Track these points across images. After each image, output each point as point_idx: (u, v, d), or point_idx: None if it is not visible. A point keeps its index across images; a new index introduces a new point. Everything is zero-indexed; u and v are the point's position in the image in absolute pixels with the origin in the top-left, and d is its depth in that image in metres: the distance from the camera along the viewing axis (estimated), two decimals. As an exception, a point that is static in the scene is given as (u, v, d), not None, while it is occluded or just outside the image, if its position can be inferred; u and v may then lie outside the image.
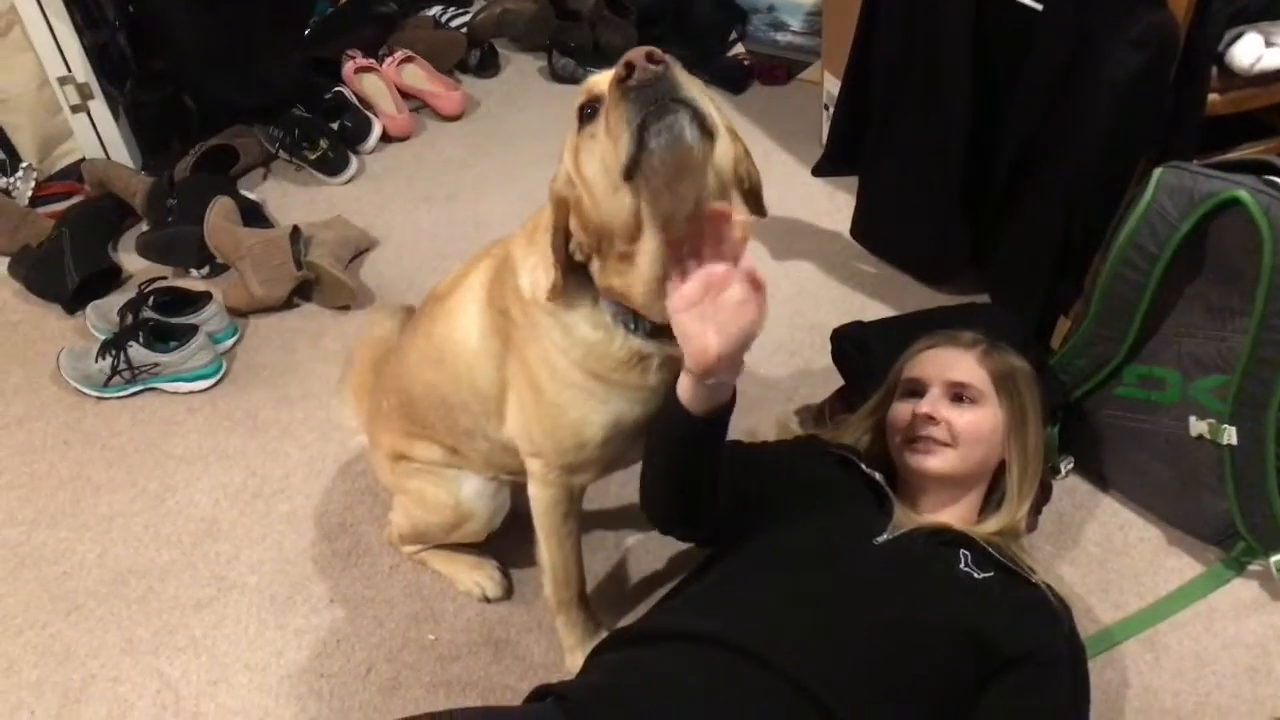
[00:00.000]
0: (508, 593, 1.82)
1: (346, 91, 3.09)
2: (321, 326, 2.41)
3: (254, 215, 2.64)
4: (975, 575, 1.40)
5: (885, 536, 1.44)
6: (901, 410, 1.60)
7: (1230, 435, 1.68)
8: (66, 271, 2.45)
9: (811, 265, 2.49)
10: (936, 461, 1.53)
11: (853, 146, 2.31)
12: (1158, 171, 1.67)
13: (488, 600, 1.81)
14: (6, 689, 1.71)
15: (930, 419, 1.54)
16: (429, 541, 1.84)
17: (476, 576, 1.82)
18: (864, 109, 2.23)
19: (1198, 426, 1.72)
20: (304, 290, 2.46)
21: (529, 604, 1.81)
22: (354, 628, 1.78)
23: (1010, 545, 1.50)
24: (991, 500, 1.58)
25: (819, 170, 2.40)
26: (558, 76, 3.33)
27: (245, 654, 1.75)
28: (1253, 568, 1.77)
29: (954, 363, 1.58)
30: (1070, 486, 1.92)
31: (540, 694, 1.32)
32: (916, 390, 1.60)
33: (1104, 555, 1.83)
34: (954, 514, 1.55)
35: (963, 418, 1.54)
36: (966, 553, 1.43)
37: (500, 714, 1.40)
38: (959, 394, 1.55)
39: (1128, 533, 1.86)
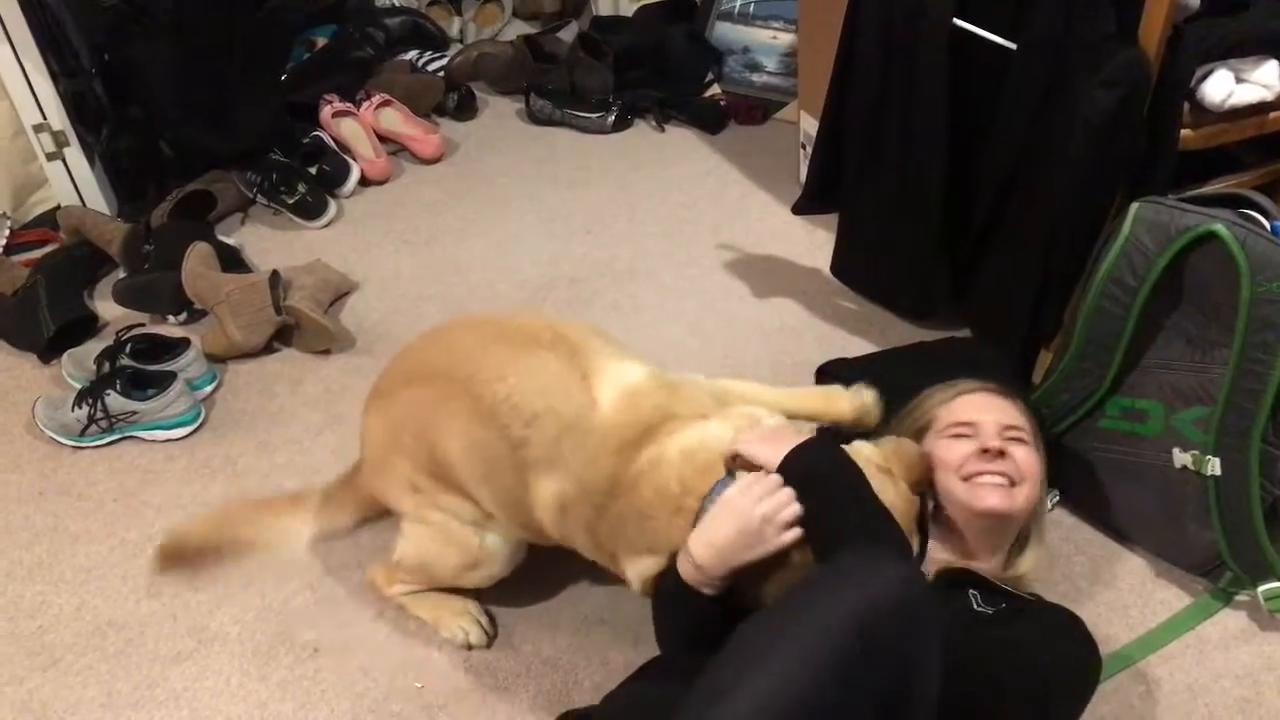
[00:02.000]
0: (492, 639, 1.80)
1: (324, 136, 3.09)
2: (301, 371, 2.39)
3: (232, 260, 2.63)
4: (986, 612, 1.44)
5: None
6: (958, 448, 1.56)
7: (1214, 466, 1.69)
8: (42, 320, 2.43)
9: (793, 303, 2.50)
10: (1002, 499, 1.52)
11: (831, 184, 2.32)
12: (1134, 206, 1.69)
13: (470, 648, 1.78)
14: (-20, 748, 1.67)
15: (1001, 454, 1.53)
16: (434, 581, 1.77)
17: (462, 623, 1.79)
18: (841, 147, 2.25)
19: (1181, 458, 1.73)
20: (283, 335, 2.44)
21: (516, 649, 1.78)
22: (338, 677, 1.75)
23: (1022, 580, 1.57)
24: (1016, 545, 1.62)
25: (799, 209, 2.42)
26: (535, 119, 3.35)
27: (227, 707, 1.71)
28: (1240, 598, 1.78)
29: (1000, 407, 1.61)
30: (1055, 519, 1.92)
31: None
32: (969, 433, 1.58)
33: (1092, 588, 1.83)
34: (990, 560, 1.58)
35: (1025, 455, 1.56)
36: (975, 592, 1.48)
37: None
38: (1013, 435, 1.57)
39: (1115, 565, 1.86)
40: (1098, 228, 1.83)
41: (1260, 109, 1.85)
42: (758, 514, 1.36)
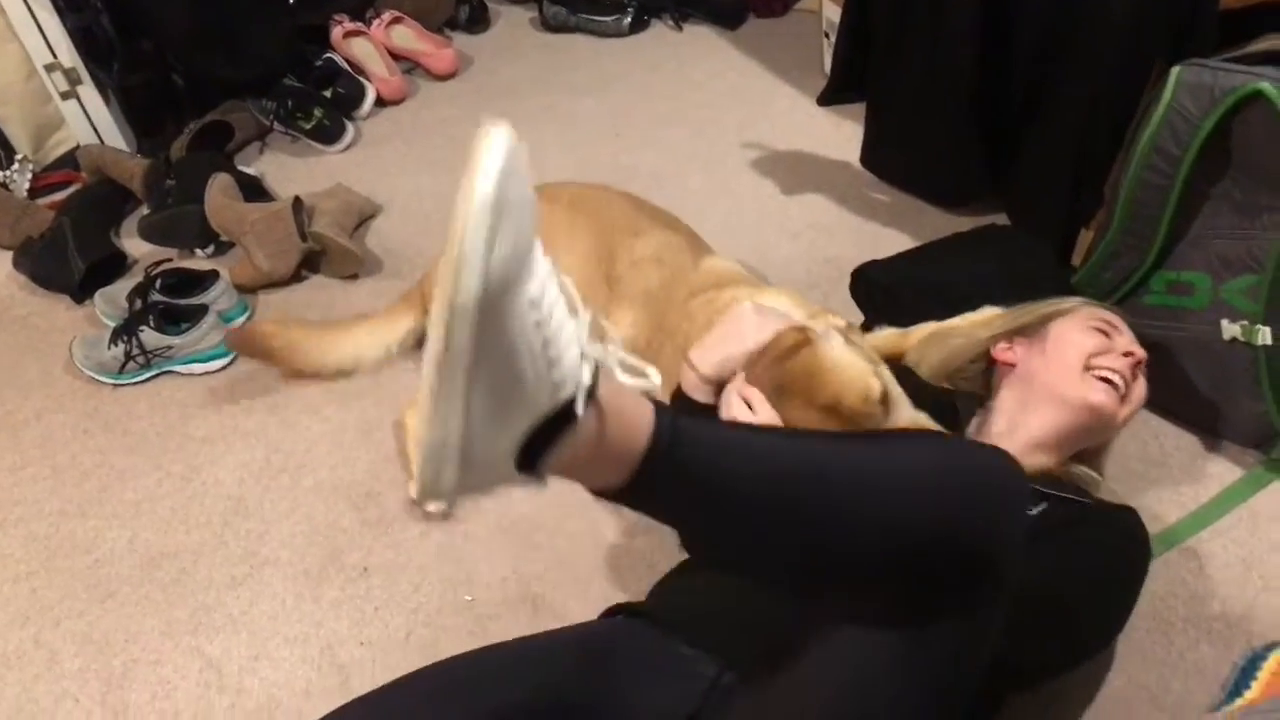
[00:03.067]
0: None
1: (336, 58, 3.04)
2: (331, 297, 2.39)
3: (254, 190, 2.60)
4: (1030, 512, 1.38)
5: None
6: (1095, 338, 1.52)
7: (1264, 335, 1.64)
8: (71, 261, 2.43)
9: (823, 198, 2.44)
10: (1110, 401, 1.48)
11: (858, 71, 2.25)
12: (1176, 70, 1.61)
13: None
14: (50, 679, 1.72)
15: (1139, 362, 1.51)
16: None
17: None
18: (867, 31, 2.17)
19: (1230, 329, 1.69)
20: (311, 262, 2.43)
21: (564, 561, 1.80)
22: (389, 595, 1.78)
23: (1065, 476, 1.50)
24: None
25: (824, 99, 2.35)
26: (549, 26, 3.27)
27: (283, 628, 1.75)
28: (1293, 468, 1.75)
29: (1132, 338, 1.55)
30: (1103, 400, 1.88)
31: (613, 612, 1.36)
32: (1109, 331, 1.54)
33: (1142, 468, 1.80)
34: (1036, 461, 1.51)
35: (1142, 386, 1.53)
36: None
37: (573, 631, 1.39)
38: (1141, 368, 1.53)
39: (1163, 442, 1.83)
40: (1137, 96, 1.76)
41: (1307, -42, 1.74)
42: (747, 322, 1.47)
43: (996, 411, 1.57)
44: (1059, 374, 1.50)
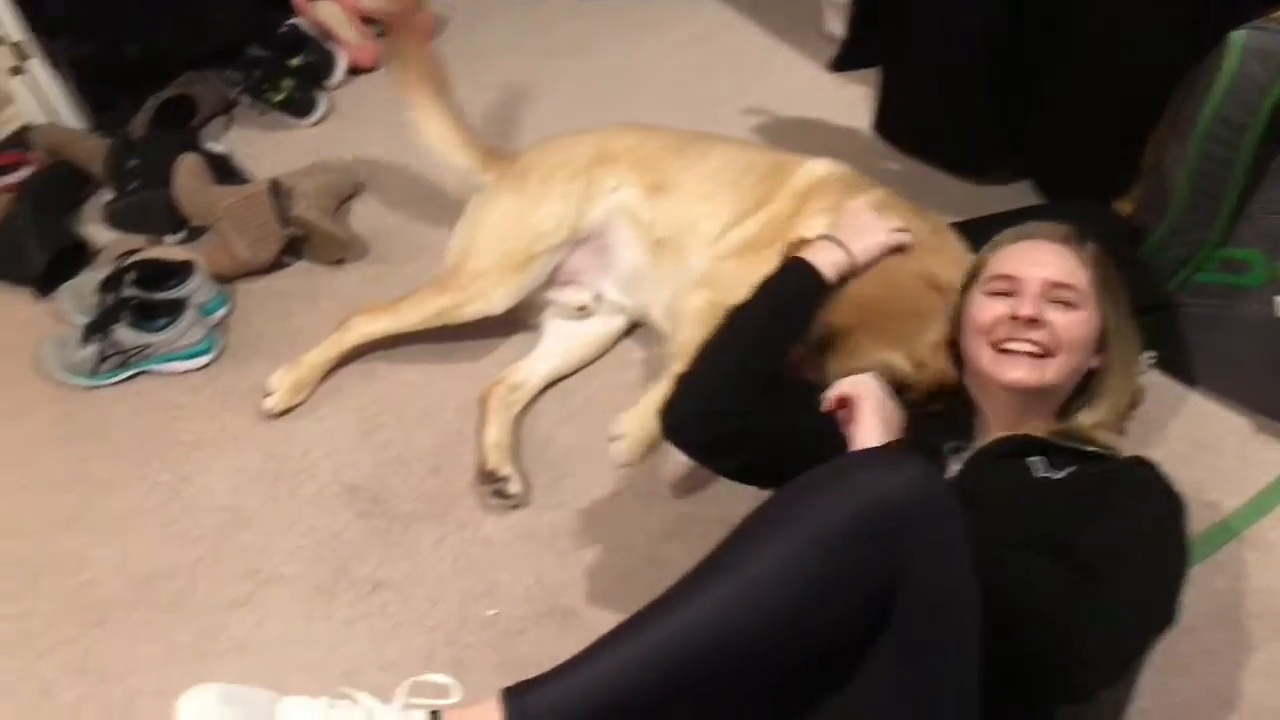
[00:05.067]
0: None
1: (302, 23, 2.85)
2: (317, 285, 2.24)
3: (224, 169, 2.44)
4: (1053, 477, 1.32)
5: (956, 468, 1.37)
6: (991, 308, 1.40)
7: (1326, 314, 1.57)
8: (30, 251, 2.26)
9: (835, 165, 2.32)
10: (1029, 373, 1.37)
11: (871, 32, 2.12)
12: (1237, 35, 1.52)
13: None
14: (47, 713, 1.59)
15: (1034, 322, 1.36)
16: None
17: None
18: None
19: (1286, 307, 1.62)
20: (293, 247, 2.28)
21: (590, 571, 1.70)
22: (407, 611, 1.67)
23: (1095, 433, 1.40)
24: (1076, 401, 1.45)
25: (838, 65, 2.22)
26: (526, -16, 3.10)
27: (296, 652, 1.63)
28: (1349, 449, 1.69)
29: (1052, 260, 1.40)
30: (1150, 382, 1.80)
31: None
32: (1009, 290, 1.40)
33: (1192, 453, 1.73)
34: (1044, 423, 1.42)
35: (1067, 322, 1.37)
36: (1039, 458, 1.34)
37: None
38: (1059, 297, 1.38)
39: (1215, 426, 1.76)
40: (1176, 61, 1.67)
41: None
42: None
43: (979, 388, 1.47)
44: (976, 358, 1.42)
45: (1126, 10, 1.70)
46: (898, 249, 1.56)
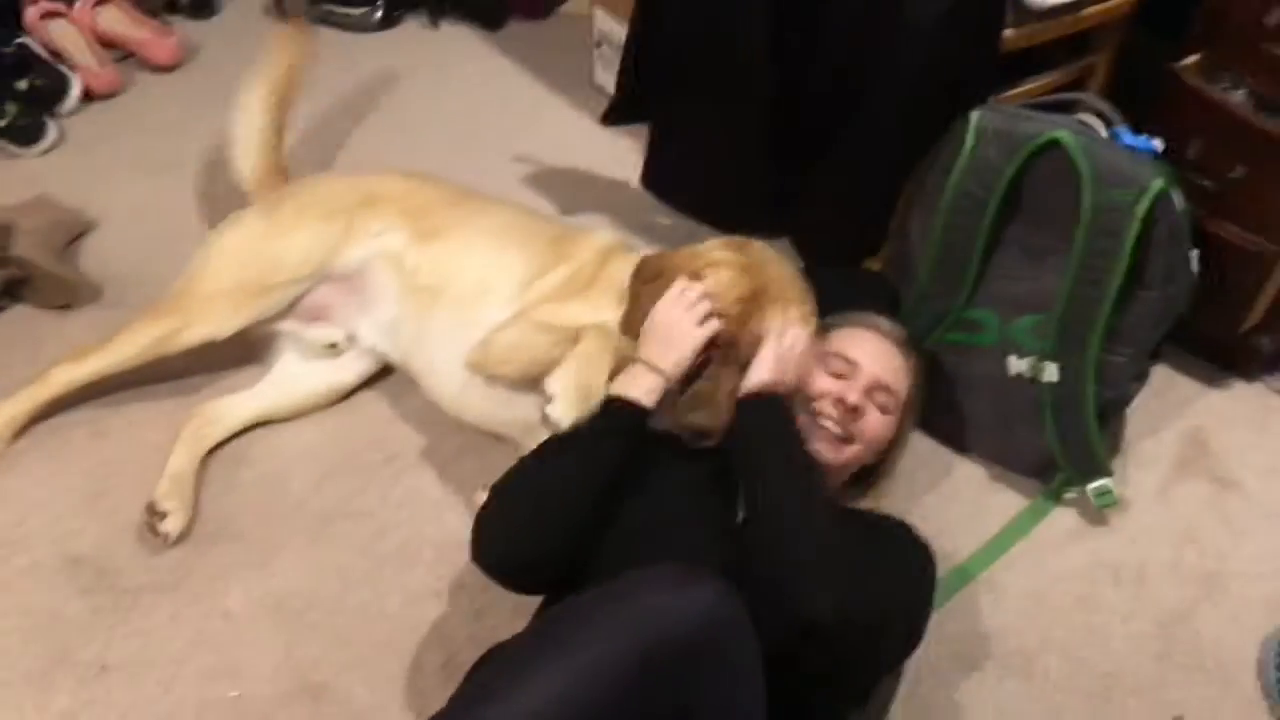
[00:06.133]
0: None
1: (32, 43, 2.60)
2: (40, 332, 2.03)
3: (-69, 202, 2.18)
4: None
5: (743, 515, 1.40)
6: (822, 382, 1.52)
7: (1051, 372, 1.70)
8: None
9: (604, 218, 2.33)
10: (829, 449, 1.50)
11: (644, 89, 2.14)
12: (975, 115, 1.64)
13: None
14: None
15: (853, 411, 1.48)
16: None
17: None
18: (653, 48, 2.06)
19: (1017, 365, 1.74)
20: (12, 291, 2.05)
21: (346, 641, 1.60)
22: (137, 697, 1.52)
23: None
24: (851, 489, 1.59)
25: (610, 119, 2.22)
26: (287, 15, 2.96)
27: (2, 752, 1.45)
28: (1069, 496, 1.83)
29: (887, 361, 1.54)
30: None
31: None
32: (843, 373, 1.51)
33: (934, 501, 1.83)
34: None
35: (876, 423, 1.51)
36: None
37: None
38: (879, 400, 1.51)
39: (954, 474, 1.88)
40: (926, 131, 1.78)
41: (1074, 6, 1.82)
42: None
43: None
44: (795, 409, 1.50)
45: (893, 80, 1.79)
46: (712, 341, 1.51)
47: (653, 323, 1.52)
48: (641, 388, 1.44)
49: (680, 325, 1.49)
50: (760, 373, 1.44)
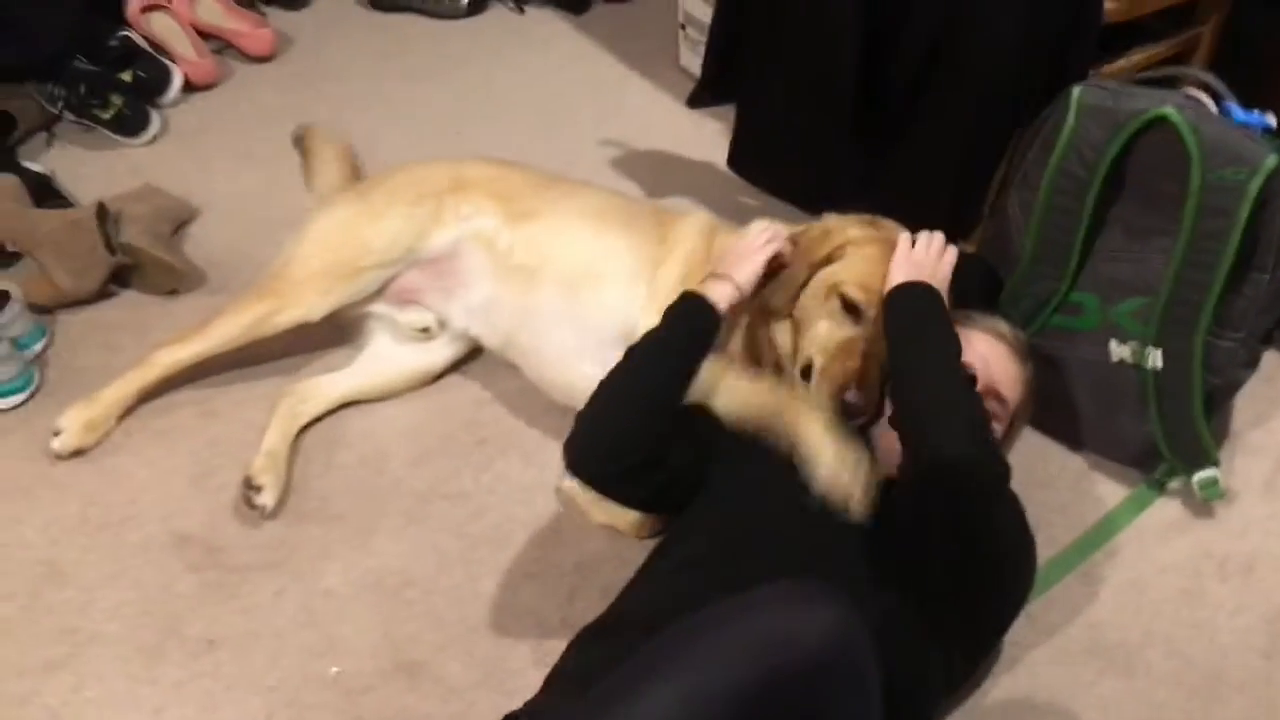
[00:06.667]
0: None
1: (134, 35, 2.69)
2: (147, 317, 2.10)
3: (45, 191, 2.27)
4: None
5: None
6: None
7: (1156, 358, 1.65)
8: None
9: (690, 202, 2.32)
10: None
11: (730, 70, 2.13)
12: (1075, 92, 1.59)
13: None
14: None
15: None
16: None
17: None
18: (740, 26, 2.05)
19: (1119, 351, 1.70)
20: (121, 276, 2.13)
21: (442, 620, 1.63)
22: (242, 670, 1.57)
23: None
24: None
25: (695, 101, 2.22)
26: (378, 5, 3.01)
27: (116, 718, 1.51)
28: (1172, 486, 1.78)
29: (1003, 367, 1.53)
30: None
31: None
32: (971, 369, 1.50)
33: (1029, 490, 1.76)
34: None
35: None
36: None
37: None
38: (991, 406, 1.49)
39: (1049, 464, 1.83)
40: (1023, 105, 1.74)
41: (1181, -26, 1.76)
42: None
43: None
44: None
45: (989, 51, 1.75)
46: (777, 258, 1.60)
47: (725, 250, 1.65)
48: (720, 294, 1.53)
49: (749, 248, 1.60)
50: (895, 276, 1.48)
